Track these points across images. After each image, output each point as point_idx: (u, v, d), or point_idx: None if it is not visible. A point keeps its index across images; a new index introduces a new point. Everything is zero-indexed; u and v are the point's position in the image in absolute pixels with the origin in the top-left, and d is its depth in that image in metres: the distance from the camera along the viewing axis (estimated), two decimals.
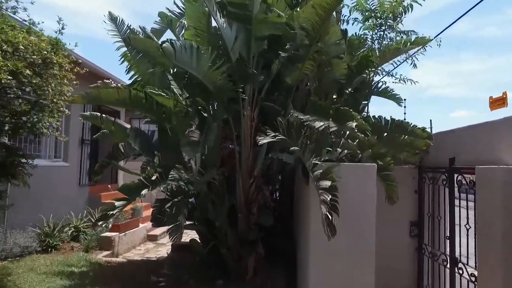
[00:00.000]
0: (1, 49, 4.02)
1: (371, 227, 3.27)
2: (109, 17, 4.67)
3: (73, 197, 8.32)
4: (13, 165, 4.71)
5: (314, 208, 3.09)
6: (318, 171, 2.88)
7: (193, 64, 3.62)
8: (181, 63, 3.62)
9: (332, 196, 2.66)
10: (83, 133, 8.64)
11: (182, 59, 3.55)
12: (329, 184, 2.74)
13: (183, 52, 3.48)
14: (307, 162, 3.09)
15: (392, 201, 3.78)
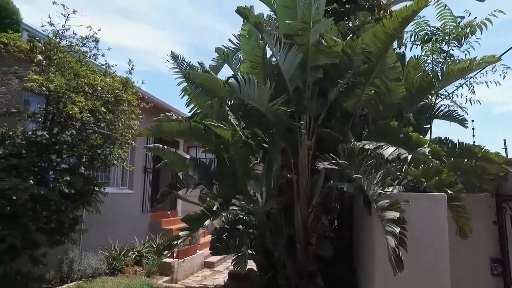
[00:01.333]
0: (84, 91, 4.53)
1: (443, 263, 3.00)
2: (171, 55, 5.06)
3: (137, 222, 8.80)
4: (88, 193, 5.17)
5: (378, 240, 2.93)
6: (384, 201, 2.75)
7: (255, 97, 3.77)
8: (244, 96, 3.78)
9: (400, 228, 2.51)
10: (146, 163, 9.23)
11: (246, 93, 3.72)
12: (396, 215, 2.60)
13: (246, 86, 3.65)
14: (370, 191, 2.97)
15: (465, 235, 3.45)
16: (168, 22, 24.74)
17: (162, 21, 24.36)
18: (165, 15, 24.45)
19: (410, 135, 3.38)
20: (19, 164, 4.44)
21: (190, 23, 25.31)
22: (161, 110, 7.27)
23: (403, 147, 3.26)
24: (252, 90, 3.68)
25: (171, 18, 25.08)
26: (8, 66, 4.61)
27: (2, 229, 4.32)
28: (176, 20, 25.24)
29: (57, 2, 4.66)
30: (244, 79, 3.64)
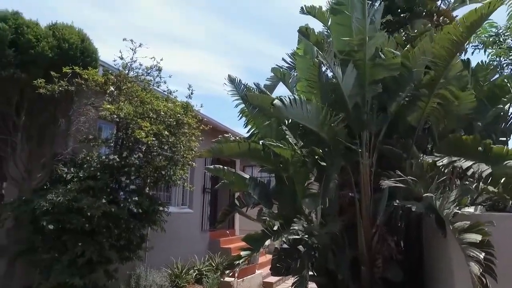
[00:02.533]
0: (149, 116, 4.88)
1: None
2: (228, 79, 5.27)
3: (196, 241, 9.06)
4: (154, 212, 5.46)
5: (458, 266, 2.68)
6: (462, 223, 2.52)
7: (304, 116, 3.74)
8: (291, 115, 3.78)
9: (484, 253, 2.27)
10: (205, 183, 9.55)
11: (292, 112, 3.70)
12: (478, 238, 2.36)
13: (293, 106, 3.64)
14: (444, 211, 2.75)
15: None
16: (219, 47, 25.91)
17: (213, 46, 25.60)
18: (216, 41, 25.68)
19: (491, 148, 3.09)
20: (94, 186, 4.87)
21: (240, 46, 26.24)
22: (218, 131, 7.53)
23: (483, 161, 2.98)
24: (300, 109, 3.66)
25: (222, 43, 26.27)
26: (87, 98, 5.15)
27: (82, 245, 4.72)
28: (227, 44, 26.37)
29: (126, 39, 5.16)
30: (290, 99, 3.64)
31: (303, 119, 3.82)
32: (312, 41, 4.03)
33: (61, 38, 4.87)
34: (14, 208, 4.61)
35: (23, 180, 4.88)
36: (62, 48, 4.84)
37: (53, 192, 4.66)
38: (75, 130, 5.15)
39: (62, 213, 4.60)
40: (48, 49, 4.66)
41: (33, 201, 4.63)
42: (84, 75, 4.76)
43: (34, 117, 4.88)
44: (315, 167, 4.26)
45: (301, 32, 4.03)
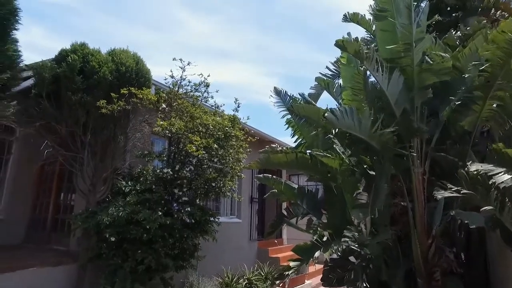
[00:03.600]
0: (199, 131, 5.13)
1: None
2: (274, 91, 5.38)
3: (245, 250, 9.19)
4: (205, 222, 5.68)
5: None
6: None
7: (356, 126, 3.71)
8: (343, 127, 3.77)
9: None
10: (252, 192, 9.70)
11: (344, 124, 3.70)
12: None
13: (344, 117, 3.64)
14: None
15: None
16: (257, 57, 26.37)
17: (252, 57, 26.12)
18: (254, 51, 26.18)
19: None
20: (150, 198, 5.19)
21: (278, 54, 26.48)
22: (264, 141, 7.67)
23: None
24: (351, 120, 3.63)
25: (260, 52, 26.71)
26: (142, 115, 5.55)
27: (141, 253, 5.04)
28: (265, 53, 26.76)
29: (176, 58, 5.51)
30: (341, 110, 3.63)
31: (354, 129, 3.80)
32: (351, 52, 4.00)
33: (118, 62, 5.33)
34: (83, 220, 5.06)
35: (89, 192, 5.36)
36: (119, 71, 5.29)
37: (114, 205, 5.05)
38: (131, 145, 5.55)
39: (123, 225, 4.96)
40: (108, 73, 5.12)
41: (97, 213, 5.05)
42: (139, 95, 5.15)
43: (98, 135, 5.36)
44: (363, 176, 4.19)
45: (338, 46, 4.02)
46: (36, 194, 7.57)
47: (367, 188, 3.96)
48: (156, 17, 21.31)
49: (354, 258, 4.61)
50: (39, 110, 4.96)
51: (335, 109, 3.73)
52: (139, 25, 20.79)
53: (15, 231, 7.11)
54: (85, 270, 5.36)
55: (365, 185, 4.04)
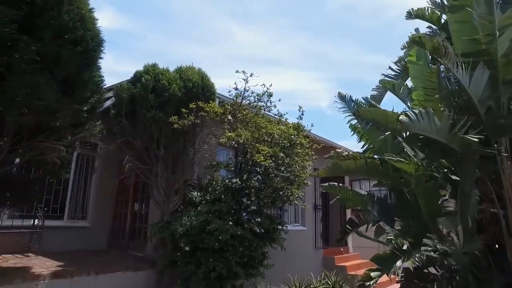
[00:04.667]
0: (264, 140, 5.21)
1: None
2: (338, 96, 5.28)
3: (310, 258, 9.04)
4: (273, 231, 5.71)
5: None
6: None
7: (432, 129, 3.49)
8: (420, 130, 3.56)
9: None
10: (315, 200, 9.56)
11: (420, 127, 3.49)
12: None
13: (420, 120, 3.44)
14: None
15: None
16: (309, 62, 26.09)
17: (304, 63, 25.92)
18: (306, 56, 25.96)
19: None
20: (220, 208, 5.36)
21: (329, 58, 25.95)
22: (326, 148, 7.53)
23: None
24: (427, 122, 3.41)
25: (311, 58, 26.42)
26: (208, 128, 5.79)
27: (213, 261, 5.21)
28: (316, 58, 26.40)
29: (239, 70, 5.69)
30: (416, 113, 3.42)
31: (430, 132, 3.57)
32: (428, 49, 3.77)
33: (186, 79, 5.64)
34: (159, 229, 5.38)
35: (163, 203, 5.70)
36: (187, 88, 5.59)
37: (187, 215, 5.30)
38: (200, 157, 5.81)
39: (196, 235, 5.18)
40: (178, 90, 5.44)
41: (172, 223, 5.34)
42: (206, 108, 5.38)
43: (169, 149, 5.71)
44: (448, 181, 3.90)
45: (415, 42, 3.81)
46: (115, 205, 8.24)
47: (453, 194, 3.68)
48: (207, 32, 22.24)
49: (434, 269, 4.29)
50: (120, 128, 5.43)
51: (409, 111, 3.54)
52: (192, 40, 21.85)
53: (100, 238, 7.81)
54: (162, 275, 5.68)
55: (451, 191, 3.75)
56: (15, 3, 3.67)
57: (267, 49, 23.93)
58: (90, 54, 4.63)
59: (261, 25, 22.42)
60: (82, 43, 4.41)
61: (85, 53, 4.50)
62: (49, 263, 5.49)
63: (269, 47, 23.53)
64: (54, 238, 6.74)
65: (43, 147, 4.63)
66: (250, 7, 18.81)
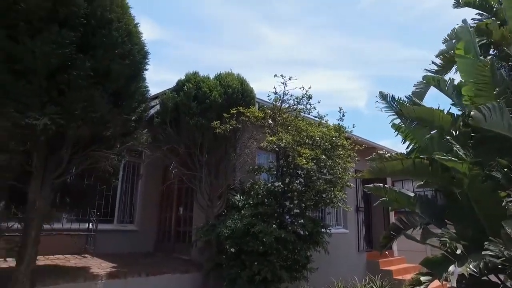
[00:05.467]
0: (305, 143, 5.20)
1: None
2: (380, 96, 5.15)
3: (353, 262, 8.86)
4: (317, 234, 5.67)
5: None
6: None
7: (505, 125, 3.31)
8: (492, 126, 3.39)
9: None
10: (357, 202, 9.35)
11: (493, 123, 3.33)
12: None
13: (493, 115, 3.28)
14: None
15: None
16: (344, 61, 25.59)
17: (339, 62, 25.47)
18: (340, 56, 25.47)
19: None
20: (264, 212, 5.42)
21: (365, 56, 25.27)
22: (368, 148, 7.36)
23: None
24: (500, 118, 3.24)
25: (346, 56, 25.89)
26: (248, 133, 5.89)
27: (258, 264, 5.27)
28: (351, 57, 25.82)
29: (277, 74, 5.74)
30: (488, 108, 3.27)
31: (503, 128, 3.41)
32: (496, 37, 3.59)
33: (225, 85, 5.78)
34: (204, 233, 5.54)
35: (208, 207, 5.85)
36: (227, 93, 5.73)
37: (231, 219, 5.41)
38: (242, 161, 5.91)
39: (240, 237, 5.27)
40: (218, 96, 5.59)
41: (217, 226, 5.47)
42: (246, 113, 5.48)
43: (212, 154, 5.86)
44: (510, 181, 3.68)
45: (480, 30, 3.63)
46: (160, 209, 8.58)
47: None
48: (239, 37, 22.54)
49: (496, 277, 4.04)
50: (165, 135, 5.66)
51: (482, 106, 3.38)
52: (225, 46, 22.26)
53: (146, 241, 8.16)
54: (208, 278, 5.83)
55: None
56: (73, 26, 3.97)
57: (300, 50, 23.84)
58: (137, 66, 4.89)
59: (293, 26, 22.39)
60: (129, 56, 4.66)
61: (132, 65, 4.75)
62: (104, 264, 5.84)
63: (302, 48, 23.42)
64: (106, 241, 7.14)
65: (97, 156, 4.94)
66: (280, 9, 18.87)
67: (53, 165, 4.56)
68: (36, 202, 4.33)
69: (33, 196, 4.31)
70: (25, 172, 4.38)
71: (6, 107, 3.66)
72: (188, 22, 21.41)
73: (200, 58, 24.46)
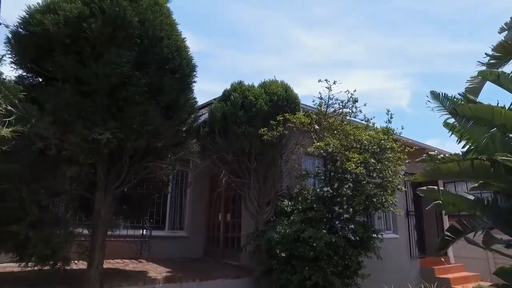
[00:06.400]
0: (353, 147, 5.14)
1: None
2: (431, 95, 4.97)
3: (405, 269, 8.50)
4: (368, 239, 5.55)
5: None
6: None
7: None
8: None
9: None
10: (407, 205, 9.00)
11: None
12: None
13: None
14: None
15: None
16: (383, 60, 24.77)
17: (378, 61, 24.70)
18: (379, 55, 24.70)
19: None
20: (313, 217, 5.41)
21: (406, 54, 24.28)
22: (417, 150, 7.08)
23: None
24: None
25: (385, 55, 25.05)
26: (294, 139, 5.93)
27: (309, 270, 5.25)
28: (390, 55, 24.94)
29: (321, 79, 5.74)
30: None
31: None
32: None
33: (270, 92, 5.88)
34: (254, 238, 5.63)
35: (257, 213, 5.95)
36: (272, 101, 5.82)
37: (280, 224, 5.46)
38: (289, 167, 5.95)
39: (290, 242, 5.29)
40: (264, 104, 5.70)
41: (267, 232, 5.54)
42: (292, 119, 5.53)
43: (260, 161, 5.97)
44: None
45: None
46: (208, 216, 8.83)
47: None
48: (276, 42, 22.69)
49: None
50: (214, 144, 5.87)
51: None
52: (262, 52, 22.49)
53: (196, 247, 8.42)
54: (259, 283, 5.90)
55: None
56: (129, 46, 4.28)
57: (338, 51, 23.52)
58: (185, 79, 5.13)
59: (329, 28, 22.14)
60: (179, 70, 4.92)
61: (182, 79, 5.00)
62: (160, 269, 6.13)
63: (340, 50, 23.09)
64: (158, 246, 7.48)
65: (152, 166, 5.22)
66: (315, 11, 18.76)
67: (114, 176, 4.89)
68: (101, 211, 4.67)
69: (98, 205, 4.66)
70: (91, 183, 4.75)
71: (76, 125, 4.01)
72: (223, 31, 21.96)
73: (239, 66, 24.95)
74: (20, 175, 3.85)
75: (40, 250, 3.92)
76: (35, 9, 4.15)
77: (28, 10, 4.14)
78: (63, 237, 4.16)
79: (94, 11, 4.10)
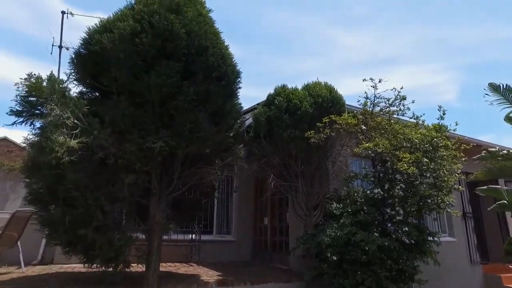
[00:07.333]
0: (403, 146, 4.95)
1: None
2: (489, 88, 4.68)
3: (465, 275, 7.96)
4: (423, 242, 5.28)
5: None
6: None
7: None
8: None
9: None
10: (464, 207, 8.46)
11: None
12: None
13: None
14: None
15: None
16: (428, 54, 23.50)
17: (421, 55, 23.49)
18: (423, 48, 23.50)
19: None
20: (364, 219, 5.26)
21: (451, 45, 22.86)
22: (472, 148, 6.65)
23: None
24: None
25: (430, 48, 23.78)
26: (340, 140, 5.83)
27: (361, 274, 5.11)
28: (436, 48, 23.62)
29: (366, 79, 5.60)
30: None
31: None
32: None
33: (315, 95, 5.84)
34: (304, 241, 5.59)
35: (306, 216, 5.91)
36: (317, 103, 5.78)
37: (330, 227, 5.36)
38: (336, 169, 5.86)
39: (341, 246, 5.18)
40: (309, 107, 5.68)
41: (317, 235, 5.47)
42: (339, 121, 5.44)
43: (307, 164, 5.93)
44: None
45: None
46: (254, 220, 8.91)
47: None
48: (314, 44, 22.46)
49: None
50: (260, 148, 5.93)
51: None
52: (302, 55, 22.35)
53: (243, 250, 8.52)
54: (310, 287, 5.83)
55: None
56: (177, 56, 4.48)
57: (378, 49, 22.78)
58: (231, 86, 5.26)
59: (368, 25, 21.54)
60: (225, 77, 5.05)
61: (227, 86, 5.13)
62: (211, 273, 6.27)
63: (380, 47, 22.36)
64: (207, 250, 7.67)
65: (201, 172, 5.39)
66: (354, 10, 18.34)
67: (166, 182, 5.11)
68: (156, 216, 4.89)
69: (153, 210, 4.89)
70: (145, 190, 5.00)
71: (132, 135, 4.26)
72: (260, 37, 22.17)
73: (279, 70, 25.03)
74: (85, 183, 4.15)
75: (105, 252, 4.20)
76: (94, 30, 4.49)
77: (88, 31, 4.49)
78: (123, 241, 4.41)
79: (144, 26, 4.35)
